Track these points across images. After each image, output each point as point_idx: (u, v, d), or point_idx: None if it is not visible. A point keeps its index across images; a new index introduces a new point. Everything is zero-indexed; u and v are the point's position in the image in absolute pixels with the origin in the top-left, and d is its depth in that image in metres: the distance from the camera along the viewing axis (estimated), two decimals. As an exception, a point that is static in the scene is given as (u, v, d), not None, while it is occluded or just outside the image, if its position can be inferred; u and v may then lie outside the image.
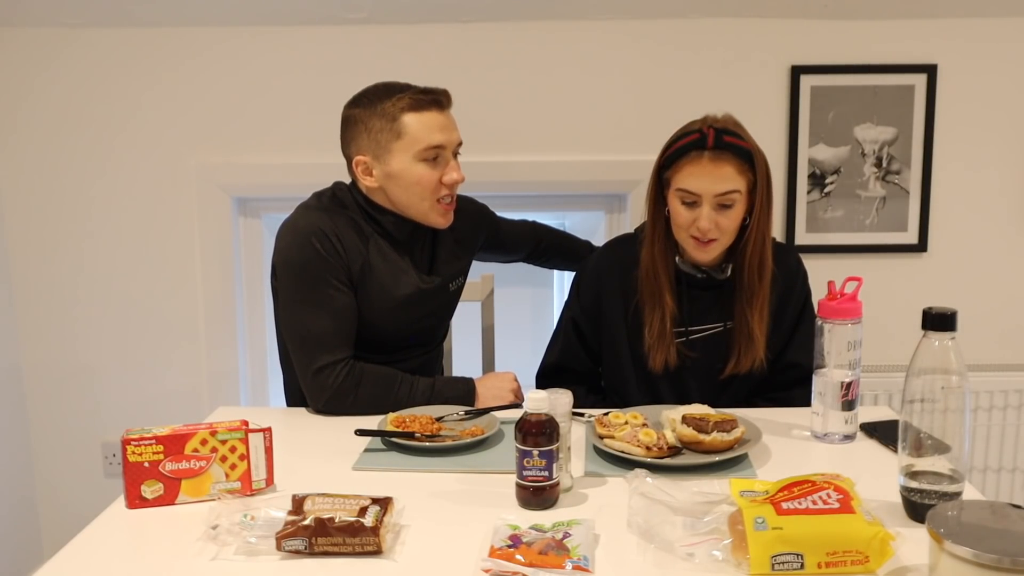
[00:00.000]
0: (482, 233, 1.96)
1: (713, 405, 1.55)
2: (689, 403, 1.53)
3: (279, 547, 1.09)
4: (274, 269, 1.74)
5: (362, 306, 1.70)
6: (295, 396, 1.79)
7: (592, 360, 1.84)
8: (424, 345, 1.86)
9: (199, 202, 2.36)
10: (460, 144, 1.74)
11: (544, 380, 1.88)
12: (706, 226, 1.61)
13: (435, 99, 1.68)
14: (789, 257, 1.79)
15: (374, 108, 1.67)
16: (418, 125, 1.66)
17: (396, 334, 1.77)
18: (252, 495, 1.27)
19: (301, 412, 1.70)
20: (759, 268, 1.68)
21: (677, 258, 1.72)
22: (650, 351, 1.71)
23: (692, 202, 1.62)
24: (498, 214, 2.06)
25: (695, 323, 1.73)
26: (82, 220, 2.38)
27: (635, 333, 1.75)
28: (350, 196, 1.74)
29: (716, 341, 1.73)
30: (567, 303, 1.88)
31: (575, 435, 1.44)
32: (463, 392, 1.68)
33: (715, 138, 1.59)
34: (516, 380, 1.73)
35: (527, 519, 1.17)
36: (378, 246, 1.72)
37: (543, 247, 2.10)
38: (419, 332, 1.83)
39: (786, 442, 1.49)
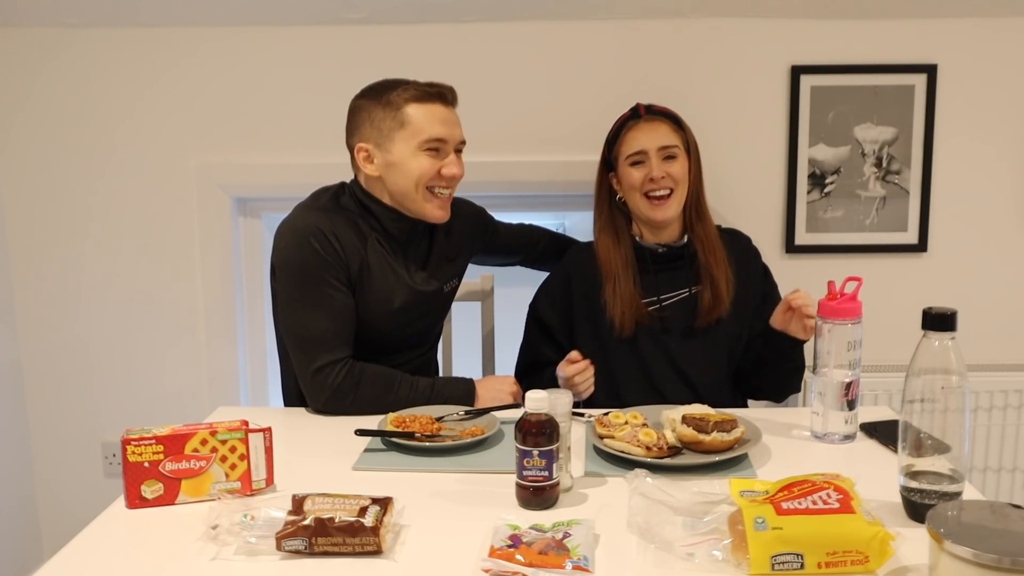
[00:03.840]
0: (479, 235, 1.96)
1: (696, 362, 1.74)
2: (671, 359, 1.72)
3: (279, 547, 1.09)
4: (273, 269, 1.74)
5: (359, 306, 1.70)
6: (292, 396, 1.79)
7: (558, 353, 1.84)
8: (420, 346, 1.86)
9: (199, 202, 2.36)
10: (463, 143, 1.75)
11: (521, 380, 1.89)
12: (658, 173, 1.79)
13: (439, 93, 1.70)
14: (736, 236, 1.96)
15: (379, 98, 1.68)
16: (421, 116, 1.67)
17: (392, 334, 1.76)
18: (252, 495, 1.27)
19: (301, 412, 1.70)
20: (700, 224, 1.87)
21: (637, 238, 1.88)
22: (613, 319, 1.82)
23: (641, 161, 1.82)
24: (497, 215, 2.06)
25: (664, 291, 1.86)
26: (82, 220, 2.38)
27: (603, 316, 1.86)
28: (348, 196, 1.75)
29: (688, 303, 1.86)
30: (533, 303, 1.97)
31: (575, 435, 1.44)
32: (463, 392, 1.68)
33: (646, 108, 1.88)
34: (516, 383, 1.74)
35: (527, 519, 1.17)
36: (376, 247, 1.72)
37: (540, 250, 2.10)
38: (416, 333, 1.83)
39: (786, 442, 1.49)
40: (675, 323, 1.86)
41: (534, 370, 1.91)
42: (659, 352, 1.85)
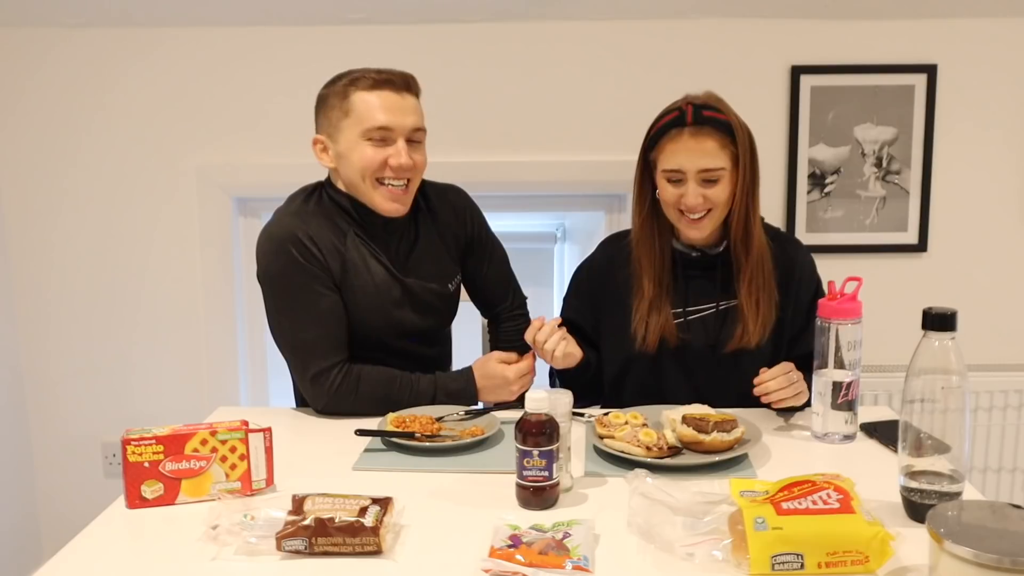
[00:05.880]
0: (466, 225, 1.86)
1: (724, 389, 1.55)
2: (696, 385, 1.53)
3: (279, 547, 1.09)
4: (259, 279, 1.72)
5: (347, 304, 1.68)
6: (301, 396, 1.78)
7: (585, 345, 1.77)
8: (423, 346, 1.83)
9: (199, 202, 2.36)
10: (418, 131, 1.68)
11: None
12: (692, 202, 1.60)
13: (388, 79, 1.64)
14: (790, 246, 1.77)
15: (333, 87, 1.66)
16: (364, 104, 1.62)
17: (387, 331, 1.73)
18: (252, 495, 1.27)
19: (301, 412, 1.70)
20: (744, 242, 1.66)
21: (673, 240, 1.71)
22: (636, 332, 1.68)
23: (678, 180, 1.61)
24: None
25: (692, 303, 1.71)
26: (82, 220, 2.38)
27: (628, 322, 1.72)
28: (323, 193, 1.72)
29: (712, 322, 1.69)
30: (564, 300, 1.86)
31: (575, 435, 1.44)
32: (464, 382, 1.68)
33: (694, 114, 1.60)
34: (513, 360, 1.71)
35: (527, 519, 1.17)
36: (355, 241, 1.69)
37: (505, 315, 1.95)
38: (417, 332, 1.80)
39: (786, 442, 1.49)
40: (699, 343, 1.69)
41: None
42: (681, 375, 1.70)
